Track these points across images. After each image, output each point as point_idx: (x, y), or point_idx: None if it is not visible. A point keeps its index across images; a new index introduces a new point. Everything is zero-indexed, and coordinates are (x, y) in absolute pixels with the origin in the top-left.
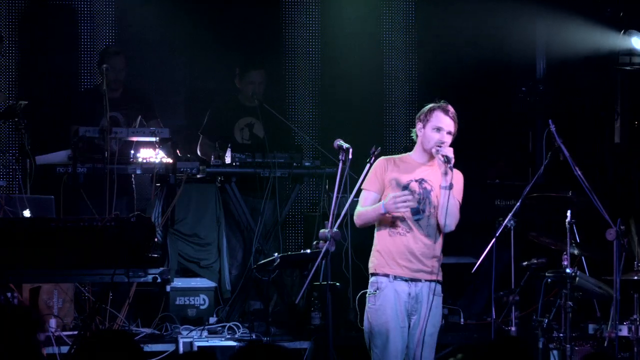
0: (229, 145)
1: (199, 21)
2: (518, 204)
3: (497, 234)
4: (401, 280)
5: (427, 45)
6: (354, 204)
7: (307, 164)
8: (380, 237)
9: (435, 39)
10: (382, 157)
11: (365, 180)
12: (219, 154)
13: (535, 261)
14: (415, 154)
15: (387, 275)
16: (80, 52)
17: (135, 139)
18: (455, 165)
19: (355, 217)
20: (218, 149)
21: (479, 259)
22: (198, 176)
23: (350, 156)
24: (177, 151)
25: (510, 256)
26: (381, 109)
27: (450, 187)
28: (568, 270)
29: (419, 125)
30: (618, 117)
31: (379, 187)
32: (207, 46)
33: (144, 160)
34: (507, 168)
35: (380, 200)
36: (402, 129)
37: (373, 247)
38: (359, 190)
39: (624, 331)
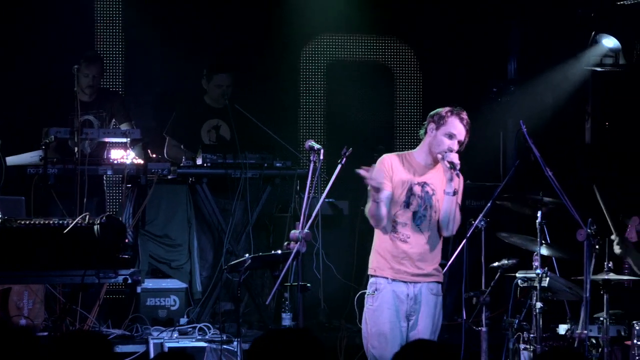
0: (200, 146)
1: (167, 20)
2: (489, 204)
3: (467, 235)
4: (400, 282)
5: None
6: (325, 205)
7: (278, 164)
8: (381, 239)
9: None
10: (387, 155)
11: None
12: (192, 155)
13: (506, 262)
14: (419, 155)
15: (386, 278)
16: (52, 53)
17: (106, 139)
18: None
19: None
20: (184, 150)
21: (448, 260)
22: (169, 177)
23: (321, 157)
24: (149, 152)
25: (476, 257)
26: (350, 110)
27: (455, 193)
28: (538, 271)
29: (432, 125)
30: (589, 117)
31: (389, 185)
32: (176, 46)
33: (115, 161)
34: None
35: (389, 197)
36: (371, 129)
37: (373, 247)
38: (330, 191)
39: (594, 331)
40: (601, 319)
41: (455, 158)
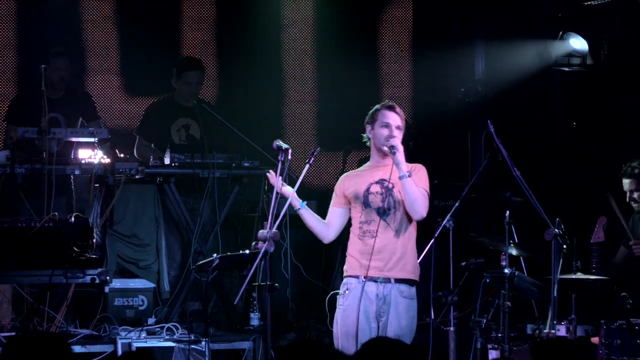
0: (168, 146)
1: (135, 19)
2: (457, 204)
3: (435, 235)
4: (370, 281)
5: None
6: None
7: (246, 164)
8: (352, 241)
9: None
10: (342, 176)
11: None
12: (160, 155)
13: (474, 261)
14: (371, 160)
15: (357, 277)
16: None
17: (74, 139)
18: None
19: None
20: (154, 150)
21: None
22: (137, 177)
23: (289, 157)
24: (116, 151)
25: (444, 256)
26: (320, 109)
27: (409, 175)
28: (506, 271)
29: (368, 128)
30: (557, 117)
31: (339, 202)
32: (144, 45)
33: (83, 161)
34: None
35: (341, 213)
36: (336, 129)
37: (347, 252)
38: (298, 191)
39: (561, 331)
40: (569, 318)
41: (394, 141)
